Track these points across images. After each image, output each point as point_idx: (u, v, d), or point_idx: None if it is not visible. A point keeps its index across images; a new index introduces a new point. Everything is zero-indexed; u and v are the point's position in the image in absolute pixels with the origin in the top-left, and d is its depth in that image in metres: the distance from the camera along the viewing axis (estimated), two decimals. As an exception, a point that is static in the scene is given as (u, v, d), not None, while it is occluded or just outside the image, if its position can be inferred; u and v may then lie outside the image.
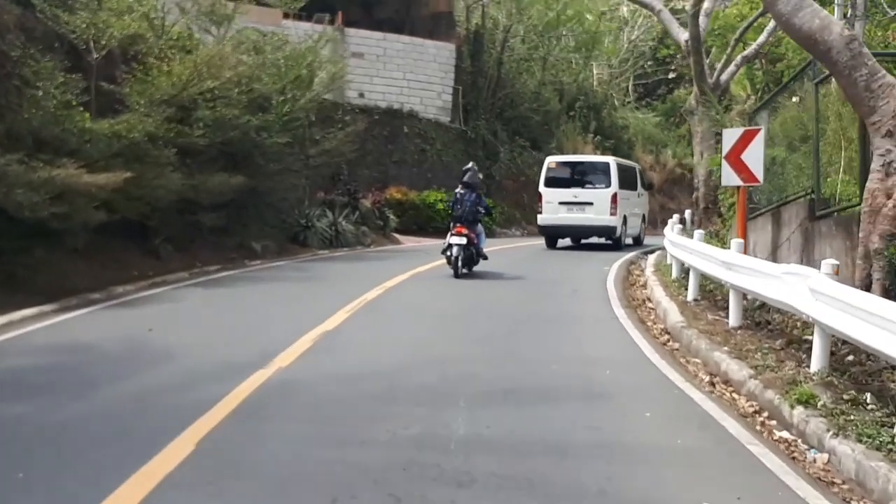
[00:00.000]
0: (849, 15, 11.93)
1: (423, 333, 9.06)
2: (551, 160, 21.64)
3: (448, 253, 13.62)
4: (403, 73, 28.58)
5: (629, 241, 22.00)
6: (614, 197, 20.18)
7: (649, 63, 41.06)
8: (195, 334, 8.66)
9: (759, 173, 11.08)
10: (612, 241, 20.71)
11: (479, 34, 30.07)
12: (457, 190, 14.13)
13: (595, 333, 9.36)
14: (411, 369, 7.14)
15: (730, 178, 11.40)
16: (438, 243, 15.61)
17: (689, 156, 40.01)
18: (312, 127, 20.36)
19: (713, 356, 7.60)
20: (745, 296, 9.04)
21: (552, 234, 21.16)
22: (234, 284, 12.95)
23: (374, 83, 28.08)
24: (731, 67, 21.38)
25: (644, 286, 13.24)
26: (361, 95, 27.88)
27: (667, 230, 15.63)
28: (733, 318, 8.97)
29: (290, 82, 18.10)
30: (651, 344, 8.72)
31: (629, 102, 39.90)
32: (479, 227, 14.08)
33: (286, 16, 24.13)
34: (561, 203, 20.41)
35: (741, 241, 9.96)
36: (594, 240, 21.29)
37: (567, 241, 21.71)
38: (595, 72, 37.46)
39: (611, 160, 21.30)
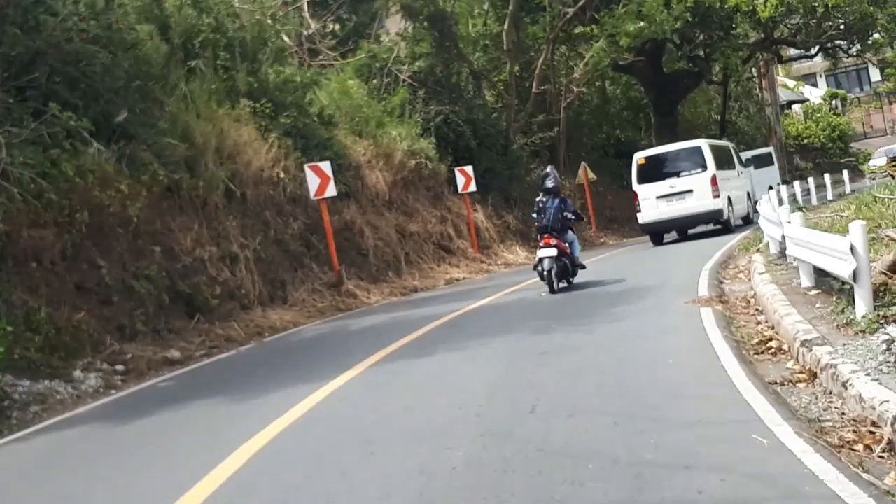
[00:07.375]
0: None
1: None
2: (639, 156, 20.77)
3: (539, 268, 12.60)
4: None
5: (739, 222, 21.21)
6: (714, 179, 19.57)
7: None
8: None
9: None
10: (721, 224, 20.19)
11: None
12: (538, 198, 13.13)
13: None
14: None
15: None
16: None
17: (418, 138, 22.49)
18: None
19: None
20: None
21: (656, 231, 20.39)
22: None
23: None
24: None
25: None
26: None
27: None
28: None
29: None
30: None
31: (308, 42, 21.09)
32: (570, 234, 13.03)
33: None
34: (659, 197, 19.81)
35: None
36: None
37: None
38: (232, -22, 18.33)
39: (702, 143, 20.91)
